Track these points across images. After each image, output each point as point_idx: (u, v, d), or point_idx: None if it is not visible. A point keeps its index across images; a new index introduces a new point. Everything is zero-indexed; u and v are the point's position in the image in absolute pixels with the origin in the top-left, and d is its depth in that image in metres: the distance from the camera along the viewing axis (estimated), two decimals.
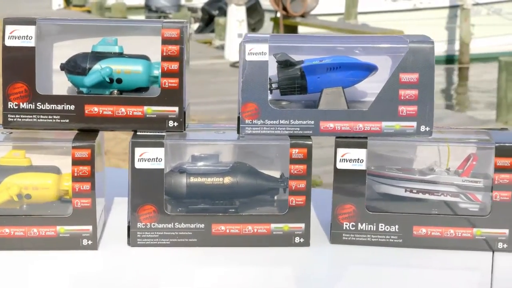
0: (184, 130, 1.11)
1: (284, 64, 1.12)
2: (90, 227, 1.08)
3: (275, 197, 1.15)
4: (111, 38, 1.14)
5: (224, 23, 9.95)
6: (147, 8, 15.51)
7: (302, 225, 1.10)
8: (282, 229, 1.10)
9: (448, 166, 1.15)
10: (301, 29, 9.75)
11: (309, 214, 1.10)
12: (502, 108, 6.24)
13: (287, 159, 1.09)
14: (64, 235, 1.08)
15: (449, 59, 13.99)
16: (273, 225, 1.10)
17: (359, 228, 1.11)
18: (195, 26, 14.53)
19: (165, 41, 1.09)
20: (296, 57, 1.14)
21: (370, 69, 1.13)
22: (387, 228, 1.11)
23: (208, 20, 13.98)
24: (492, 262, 1.07)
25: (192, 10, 15.33)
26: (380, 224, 1.11)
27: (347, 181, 1.10)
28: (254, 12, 13.41)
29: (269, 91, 1.13)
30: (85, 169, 1.06)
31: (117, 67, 1.12)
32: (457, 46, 14.26)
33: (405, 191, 1.14)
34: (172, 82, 1.09)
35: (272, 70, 1.13)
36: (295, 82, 1.12)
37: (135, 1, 15.97)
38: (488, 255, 1.09)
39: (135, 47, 1.15)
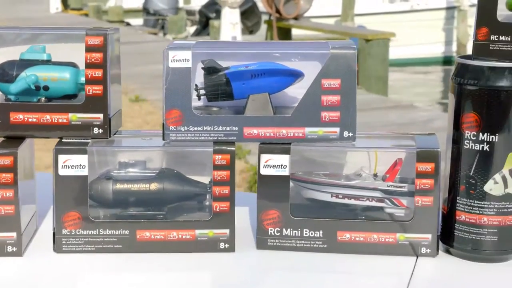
0: (110, 137, 1.12)
1: (209, 71, 1.13)
2: (14, 234, 1.08)
3: (205, 203, 1.16)
4: (38, 46, 1.14)
5: (219, 25, 9.97)
6: (145, 11, 15.54)
7: (227, 231, 1.11)
8: (207, 235, 1.11)
9: (375, 171, 1.15)
10: (295, 32, 9.78)
11: (234, 220, 1.11)
12: None
13: None
14: None
15: (447, 60, 13.98)
16: (197, 231, 1.11)
17: (284, 234, 1.12)
18: (193, 29, 14.56)
19: (89, 49, 1.09)
20: (228, 64, 1.15)
21: (296, 75, 1.14)
22: (312, 234, 1.11)
23: (205, 23, 14.01)
24: (413, 267, 1.07)
25: (190, 13, 15.36)
26: (304, 230, 1.11)
27: (271, 187, 1.10)
28: (251, 15, 13.43)
29: (197, 98, 1.14)
30: (8, 176, 1.07)
31: (44, 74, 1.13)
32: (454, 47, 14.24)
33: (331, 196, 1.14)
34: (96, 89, 1.10)
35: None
36: (220, 88, 1.13)
37: (133, 4, 15.99)
38: (412, 260, 1.09)
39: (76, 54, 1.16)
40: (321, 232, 1.11)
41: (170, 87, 1.10)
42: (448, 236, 1.10)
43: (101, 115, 1.10)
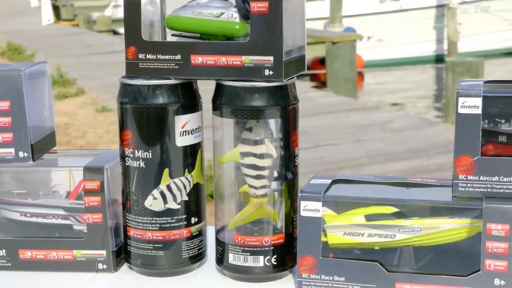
0: None
1: None
2: None
3: None
4: None
5: None
6: None
7: None
8: None
9: (70, 189, 1.17)
10: None
11: None
12: (450, 108, 6.23)
13: None
14: None
15: (439, 59, 13.95)
16: None
17: None
18: None
19: None
20: None
21: None
22: None
23: None
24: (84, 283, 1.09)
25: None
26: None
27: None
28: None
29: None
30: None
31: None
32: (446, 46, 14.19)
33: (20, 215, 1.16)
34: None
35: None
36: None
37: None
38: (88, 276, 1.11)
39: None
40: (4, 251, 1.13)
41: None
42: (125, 252, 1.12)
43: None
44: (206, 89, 1.16)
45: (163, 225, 1.08)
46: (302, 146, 5.33)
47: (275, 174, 1.07)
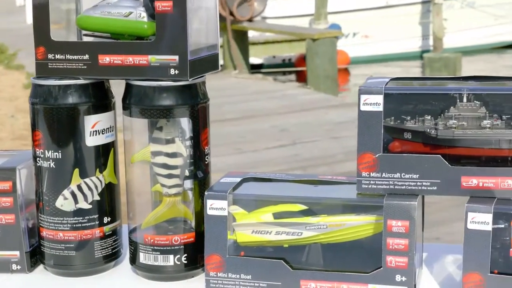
0: None
1: None
2: None
3: None
4: None
5: None
6: None
7: None
8: None
9: None
10: (250, 34, 9.78)
11: None
12: None
13: None
14: None
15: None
16: None
17: None
18: None
19: None
20: None
21: None
22: None
23: None
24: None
25: None
26: None
27: None
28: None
29: None
30: None
31: None
32: (431, 41, 14.19)
33: None
34: None
35: None
36: None
37: None
38: (6, 276, 1.12)
39: None
40: None
41: None
42: (39, 252, 1.12)
43: None
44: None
45: (74, 225, 1.08)
46: (280, 143, 5.30)
47: (187, 173, 1.07)
